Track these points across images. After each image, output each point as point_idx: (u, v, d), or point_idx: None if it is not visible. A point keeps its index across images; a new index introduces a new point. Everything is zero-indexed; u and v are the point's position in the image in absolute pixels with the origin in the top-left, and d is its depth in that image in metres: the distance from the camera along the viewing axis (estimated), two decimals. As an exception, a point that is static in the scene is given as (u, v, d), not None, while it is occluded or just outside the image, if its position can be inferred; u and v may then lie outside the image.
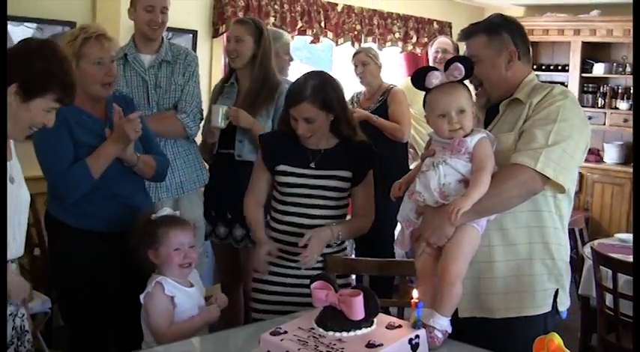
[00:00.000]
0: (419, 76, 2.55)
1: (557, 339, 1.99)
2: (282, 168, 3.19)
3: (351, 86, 5.86)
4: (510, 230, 2.59)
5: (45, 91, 2.34)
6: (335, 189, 3.18)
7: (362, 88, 5.45)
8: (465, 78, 2.51)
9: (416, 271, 2.60)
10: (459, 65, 2.48)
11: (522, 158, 2.44)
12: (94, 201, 3.16)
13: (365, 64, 5.28)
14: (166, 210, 3.06)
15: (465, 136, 2.46)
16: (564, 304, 2.69)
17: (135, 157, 3.23)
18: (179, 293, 2.83)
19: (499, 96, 2.68)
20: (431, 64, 6.02)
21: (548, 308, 2.63)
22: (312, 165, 3.17)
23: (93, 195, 3.14)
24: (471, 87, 2.64)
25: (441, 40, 6.10)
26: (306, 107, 3.08)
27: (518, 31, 2.71)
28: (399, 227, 2.74)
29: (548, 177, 2.44)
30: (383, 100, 5.23)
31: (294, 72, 5.71)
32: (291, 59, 4.65)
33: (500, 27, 2.67)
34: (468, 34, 2.72)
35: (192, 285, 2.94)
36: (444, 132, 2.49)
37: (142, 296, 2.82)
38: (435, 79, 2.50)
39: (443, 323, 2.42)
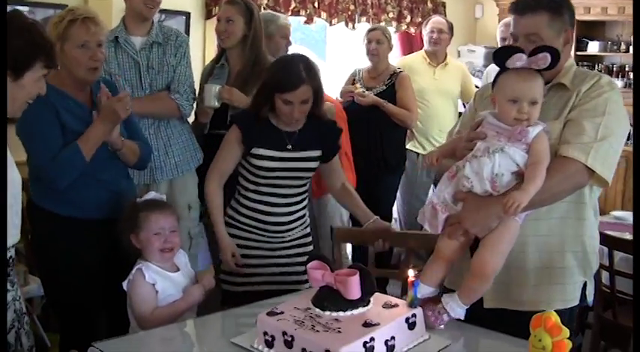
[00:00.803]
0: (503, 54, 2.38)
1: (553, 316, 1.99)
2: (259, 151, 3.20)
3: (344, 66, 5.85)
4: (544, 221, 2.52)
5: (32, 63, 2.29)
6: (309, 169, 3.27)
7: (363, 66, 5.44)
8: (546, 69, 2.36)
9: (436, 248, 2.50)
10: (548, 56, 2.32)
11: (573, 151, 2.37)
12: (78, 188, 3.12)
13: (380, 42, 5.26)
14: (151, 194, 3.04)
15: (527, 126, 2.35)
16: (591, 294, 2.65)
17: (120, 140, 3.19)
18: (161, 279, 2.81)
19: (546, 79, 2.49)
20: (426, 45, 6.00)
21: (576, 302, 2.59)
22: (289, 146, 3.20)
23: (77, 181, 3.10)
24: None
25: (436, 20, 6.07)
26: (306, 90, 3.10)
27: (574, 13, 2.61)
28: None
29: (594, 171, 2.39)
30: (390, 84, 5.23)
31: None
32: (289, 43, 4.58)
33: (562, 6, 2.54)
34: (526, 7, 2.52)
35: (178, 269, 2.92)
36: (509, 119, 2.35)
37: (124, 284, 2.81)
38: (520, 61, 2.34)
39: (460, 312, 2.39)
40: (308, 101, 3.13)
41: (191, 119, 4.21)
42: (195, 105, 4.12)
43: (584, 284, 2.61)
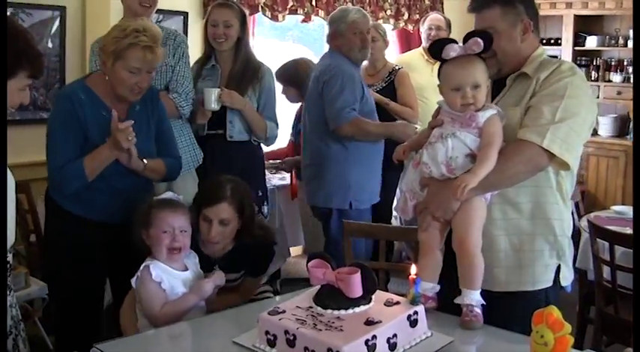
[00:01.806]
0: (437, 47, 2.50)
1: (555, 312, 1.99)
2: None
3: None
4: (512, 205, 2.59)
5: (16, 72, 2.25)
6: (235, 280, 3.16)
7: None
8: (482, 52, 2.48)
9: (419, 243, 2.60)
10: (479, 40, 2.44)
11: (529, 134, 2.44)
12: (93, 192, 3.16)
13: (374, 40, 5.26)
14: (168, 194, 3.04)
15: (477, 111, 2.45)
16: (567, 278, 2.69)
17: (141, 165, 3.20)
18: (168, 277, 2.81)
19: (511, 69, 2.65)
20: (424, 42, 6.01)
21: (548, 284, 2.63)
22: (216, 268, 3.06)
23: (92, 185, 3.14)
24: None
25: (434, 17, 6.08)
26: (226, 208, 3.04)
27: (531, 2, 2.70)
28: (395, 200, 2.75)
29: (553, 154, 2.44)
30: (390, 81, 5.25)
31: (294, 53, 5.77)
32: (365, 40, 4.47)
33: None
34: (480, 5, 2.68)
35: (186, 269, 2.92)
36: (456, 106, 2.47)
37: (133, 281, 2.81)
38: (453, 51, 2.47)
39: (476, 298, 2.42)
40: (229, 223, 3.06)
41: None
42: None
43: (558, 267, 2.65)
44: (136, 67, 3.08)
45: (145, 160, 3.21)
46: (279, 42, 7.26)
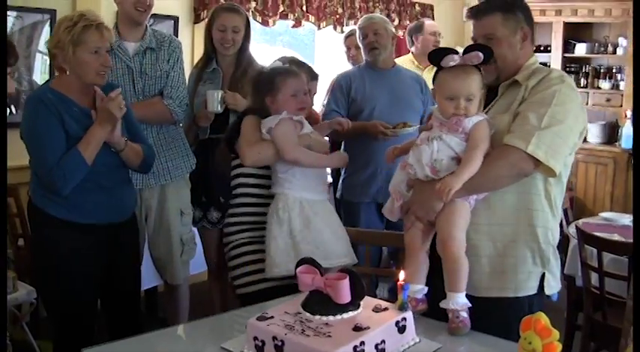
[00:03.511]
0: (438, 55, 2.52)
1: (543, 319, 1.99)
2: None
3: (332, 69, 5.84)
4: (497, 210, 2.59)
5: None
6: None
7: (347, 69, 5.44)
8: (482, 64, 2.51)
9: (405, 245, 2.62)
10: (480, 54, 2.48)
11: (513, 139, 2.46)
12: (80, 193, 3.13)
13: (358, 47, 5.27)
14: (278, 63, 3.36)
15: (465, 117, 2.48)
16: (552, 287, 2.68)
17: (122, 140, 3.21)
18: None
19: (507, 76, 2.67)
20: (425, 48, 5.93)
21: (531, 291, 2.63)
22: None
23: (79, 187, 3.11)
24: None
25: (433, 24, 6.09)
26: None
27: (529, 12, 2.72)
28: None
29: (539, 160, 2.44)
30: None
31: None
32: (368, 42, 4.68)
33: (514, 6, 2.67)
34: (481, 12, 2.69)
35: None
36: (448, 114, 2.52)
37: (264, 132, 3.12)
38: (453, 62, 2.49)
39: (462, 301, 2.43)
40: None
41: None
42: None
43: (543, 275, 2.65)
44: (97, 46, 3.09)
45: (125, 137, 3.24)
46: (269, 47, 7.26)
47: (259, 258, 3.19)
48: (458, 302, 2.43)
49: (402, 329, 2.24)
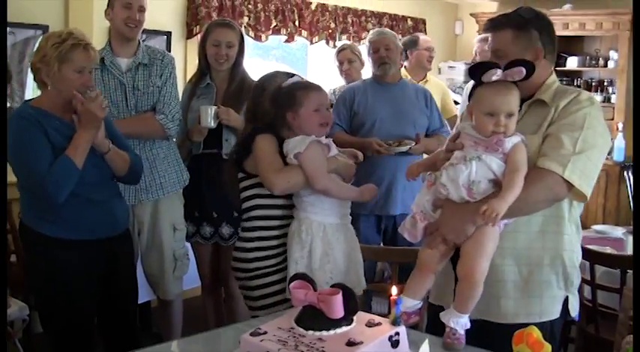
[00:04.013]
0: (479, 69, 2.41)
1: (535, 332, 2.00)
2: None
3: (325, 84, 5.84)
4: (523, 233, 2.54)
5: None
6: None
7: (340, 84, 5.46)
8: (522, 80, 2.40)
9: (418, 260, 2.53)
10: (523, 70, 2.37)
11: (550, 163, 2.40)
12: (71, 208, 3.12)
13: (351, 61, 5.31)
14: (296, 78, 3.20)
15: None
16: (575, 309, 2.66)
17: (106, 142, 3.20)
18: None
19: (527, 95, 2.57)
20: (420, 63, 5.96)
21: (556, 315, 2.60)
22: None
23: (69, 202, 3.10)
24: None
25: (427, 39, 6.11)
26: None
27: (547, 28, 2.65)
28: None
29: (572, 185, 2.41)
30: None
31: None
32: (378, 57, 4.66)
33: (529, 23, 2.60)
34: (495, 26, 2.64)
35: None
36: (487, 131, 2.38)
37: (291, 156, 2.97)
38: (495, 76, 2.38)
39: (463, 322, 2.39)
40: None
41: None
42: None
43: (566, 299, 2.62)
44: (82, 66, 3.09)
45: (109, 141, 3.23)
46: (262, 61, 7.28)
47: (284, 287, 3.03)
48: (460, 322, 2.39)
49: (395, 344, 2.23)
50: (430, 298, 2.72)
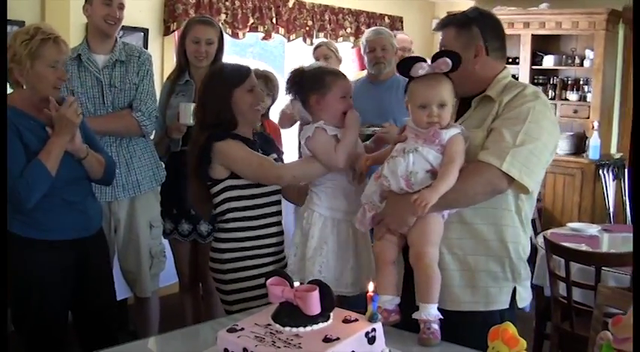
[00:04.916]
0: (406, 65, 2.52)
1: (511, 328, 2.01)
2: None
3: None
4: (469, 225, 2.60)
5: None
6: None
7: None
8: (450, 71, 2.50)
9: (374, 255, 2.64)
10: (447, 60, 2.47)
11: (489, 157, 2.45)
12: (44, 209, 3.10)
13: (327, 57, 5.31)
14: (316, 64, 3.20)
15: (441, 129, 2.47)
16: (524, 299, 2.70)
17: (83, 148, 3.19)
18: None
19: (466, 90, 2.66)
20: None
21: (503, 306, 2.64)
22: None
23: (43, 203, 3.08)
24: None
25: (402, 38, 6.12)
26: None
27: (492, 26, 2.70)
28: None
29: (513, 178, 2.45)
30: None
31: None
32: (375, 56, 4.74)
33: (471, 21, 2.66)
34: (442, 24, 2.73)
35: None
36: (422, 123, 2.50)
37: (302, 141, 2.97)
38: (422, 69, 2.49)
39: (433, 312, 2.42)
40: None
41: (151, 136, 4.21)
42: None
43: (514, 290, 2.66)
44: (55, 60, 3.07)
45: (86, 145, 3.22)
46: (239, 58, 7.27)
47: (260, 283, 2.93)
48: (429, 313, 2.42)
49: (371, 340, 2.24)
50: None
